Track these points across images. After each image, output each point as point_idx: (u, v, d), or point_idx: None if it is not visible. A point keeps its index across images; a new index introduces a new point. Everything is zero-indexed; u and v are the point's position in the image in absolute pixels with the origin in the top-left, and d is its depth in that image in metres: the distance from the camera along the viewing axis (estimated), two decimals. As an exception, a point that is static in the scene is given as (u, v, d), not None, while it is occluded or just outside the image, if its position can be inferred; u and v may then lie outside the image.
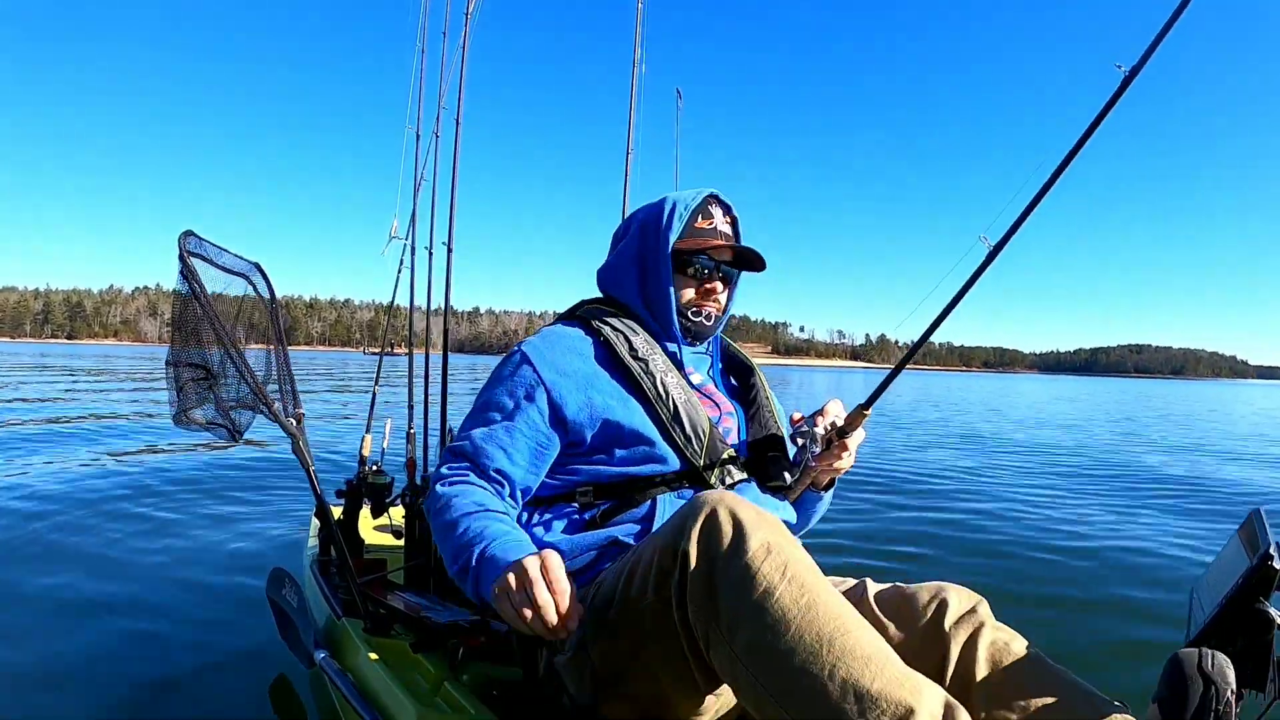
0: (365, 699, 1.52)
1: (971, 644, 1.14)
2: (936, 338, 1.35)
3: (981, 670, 1.12)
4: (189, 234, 1.71)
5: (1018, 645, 1.15)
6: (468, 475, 1.30)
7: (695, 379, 1.47)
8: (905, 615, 1.21)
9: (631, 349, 1.38)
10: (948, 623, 1.16)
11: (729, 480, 1.34)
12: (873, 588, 1.32)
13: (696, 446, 1.32)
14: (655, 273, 1.42)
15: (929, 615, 1.19)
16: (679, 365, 1.44)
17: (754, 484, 1.40)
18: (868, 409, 1.35)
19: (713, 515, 0.98)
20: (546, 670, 1.33)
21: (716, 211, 1.45)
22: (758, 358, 1.68)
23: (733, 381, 1.59)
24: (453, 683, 1.51)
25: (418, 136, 3.13)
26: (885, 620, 1.22)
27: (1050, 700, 1.08)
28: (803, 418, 1.40)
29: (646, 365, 1.36)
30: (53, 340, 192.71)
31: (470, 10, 2.78)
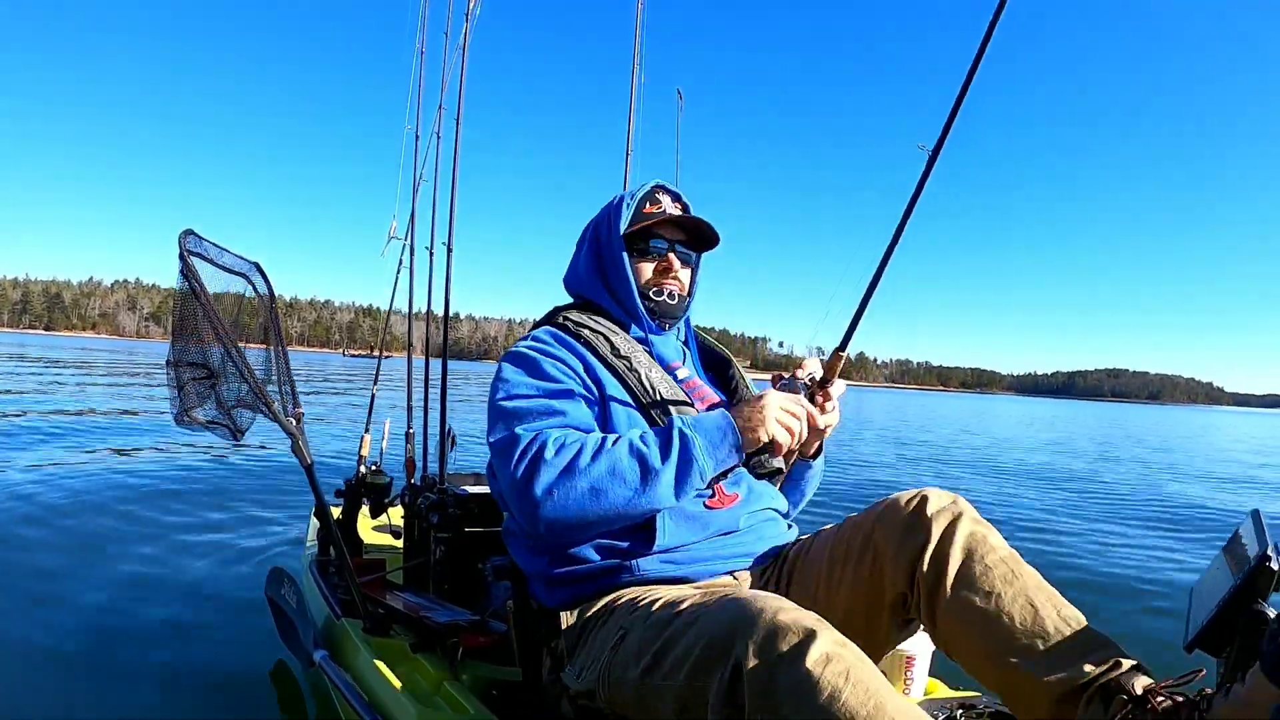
0: (365, 699, 1.52)
1: (950, 532, 1.18)
2: (915, 356, 1.37)
3: (956, 556, 1.16)
4: (189, 233, 1.71)
5: (995, 540, 1.19)
6: (556, 432, 1.25)
7: (681, 374, 1.48)
8: (889, 515, 1.25)
9: (613, 348, 1.40)
10: (929, 511, 1.21)
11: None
12: (855, 513, 1.34)
13: None
14: (611, 259, 1.46)
15: (910, 508, 1.23)
16: (660, 361, 1.46)
17: (745, 472, 1.38)
18: (843, 350, 1.34)
19: (772, 625, 0.96)
20: (551, 677, 1.33)
21: (664, 198, 1.50)
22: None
23: (712, 375, 1.61)
24: (452, 683, 1.52)
25: (416, 137, 3.13)
26: (872, 524, 1.26)
27: (1018, 590, 1.12)
28: (779, 376, 1.40)
29: (630, 363, 1.38)
30: (30, 330, 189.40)
31: (470, 11, 2.78)
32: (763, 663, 0.95)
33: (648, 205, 1.48)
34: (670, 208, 1.49)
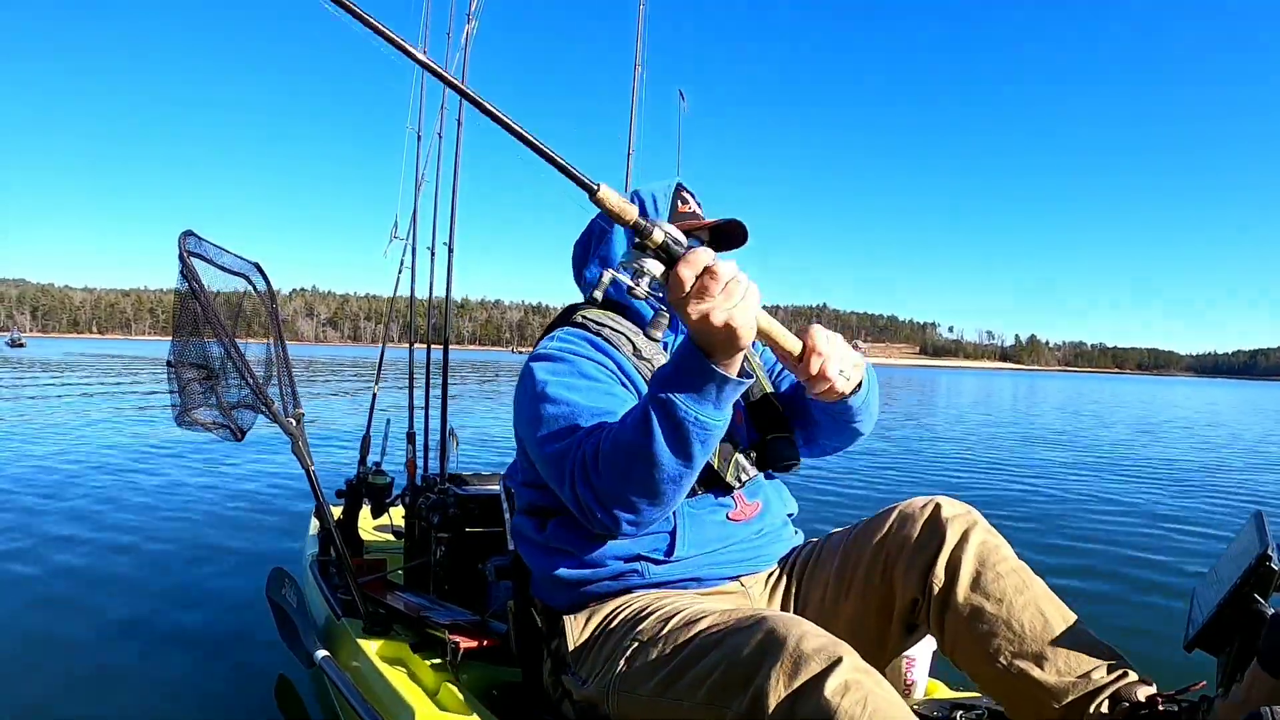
0: (365, 699, 1.52)
1: (964, 540, 1.20)
2: (1089, 338, 1.21)
3: (969, 563, 1.18)
4: (189, 234, 1.71)
5: (1006, 551, 1.21)
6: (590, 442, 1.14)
7: None
8: (904, 522, 1.26)
9: (635, 350, 1.35)
10: (943, 518, 1.22)
11: (744, 477, 1.33)
12: (868, 518, 1.35)
13: None
14: None
15: (925, 516, 1.24)
16: None
17: (761, 476, 1.37)
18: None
19: (798, 652, 0.96)
20: (551, 678, 1.33)
21: (689, 197, 1.46)
22: (904, 359, 1.54)
23: None
24: (453, 683, 1.52)
25: (419, 137, 3.13)
26: (886, 528, 1.27)
27: (1029, 599, 1.14)
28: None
29: (652, 365, 1.34)
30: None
31: (472, 11, 2.79)
32: (786, 692, 0.95)
33: (678, 204, 1.44)
34: (695, 206, 1.45)
